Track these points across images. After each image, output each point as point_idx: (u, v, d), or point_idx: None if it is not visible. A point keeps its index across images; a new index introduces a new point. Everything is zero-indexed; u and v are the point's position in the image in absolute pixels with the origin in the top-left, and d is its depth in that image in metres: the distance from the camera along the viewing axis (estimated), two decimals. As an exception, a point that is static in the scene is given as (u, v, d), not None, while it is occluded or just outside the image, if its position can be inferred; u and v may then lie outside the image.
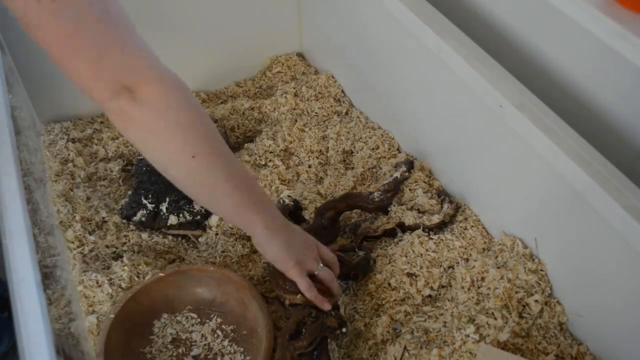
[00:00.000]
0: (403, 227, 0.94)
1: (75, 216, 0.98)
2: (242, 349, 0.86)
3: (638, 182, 0.68)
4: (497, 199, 0.90)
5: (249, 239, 1.00)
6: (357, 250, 0.91)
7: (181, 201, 1.01)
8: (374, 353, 0.84)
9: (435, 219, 0.94)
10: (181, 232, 1.01)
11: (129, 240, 0.98)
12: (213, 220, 1.01)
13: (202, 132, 0.65)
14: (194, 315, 0.90)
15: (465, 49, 0.83)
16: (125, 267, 0.91)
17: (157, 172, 1.02)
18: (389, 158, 1.10)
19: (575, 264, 0.79)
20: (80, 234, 0.96)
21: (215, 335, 0.88)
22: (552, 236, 0.82)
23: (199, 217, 1.01)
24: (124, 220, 1.02)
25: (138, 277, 0.91)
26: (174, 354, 0.87)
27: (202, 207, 1.01)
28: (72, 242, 0.95)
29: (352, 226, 0.98)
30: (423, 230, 0.92)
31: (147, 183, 1.02)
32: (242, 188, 0.70)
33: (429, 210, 0.97)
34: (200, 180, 0.67)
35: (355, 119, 1.19)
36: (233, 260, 0.96)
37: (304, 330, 0.78)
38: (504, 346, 0.78)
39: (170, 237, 1.00)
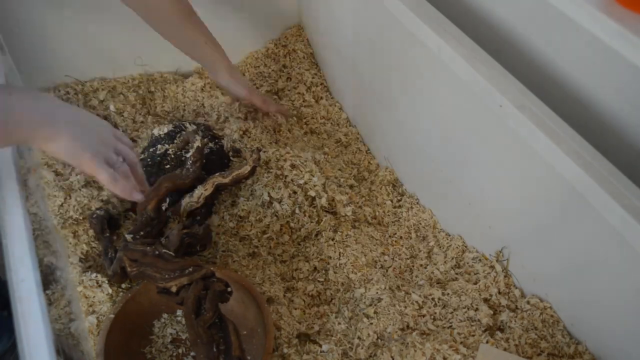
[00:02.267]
0: (222, 187, 1.01)
1: (75, 216, 0.98)
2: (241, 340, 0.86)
3: (638, 182, 0.68)
4: (497, 199, 0.90)
5: (250, 239, 1.00)
6: (196, 224, 0.95)
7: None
8: (372, 353, 0.84)
9: (247, 169, 1.01)
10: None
11: (129, 240, 0.98)
12: (214, 220, 1.01)
13: None
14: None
15: (465, 49, 0.83)
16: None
17: (157, 173, 1.03)
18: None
19: (575, 264, 0.79)
20: (80, 234, 0.96)
21: (215, 335, 0.88)
22: (551, 236, 0.82)
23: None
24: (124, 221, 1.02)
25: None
26: (174, 354, 0.87)
27: (203, 208, 1.00)
28: (72, 242, 0.95)
29: (173, 209, 0.98)
30: (240, 182, 1.01)
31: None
32: None
33: (236, 167, 1.04)
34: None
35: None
36: (234, 260, 0.96)
37: (202, 305, 0.80)
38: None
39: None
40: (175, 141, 1.08)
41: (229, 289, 0.84)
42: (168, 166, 1.04)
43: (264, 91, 1.35)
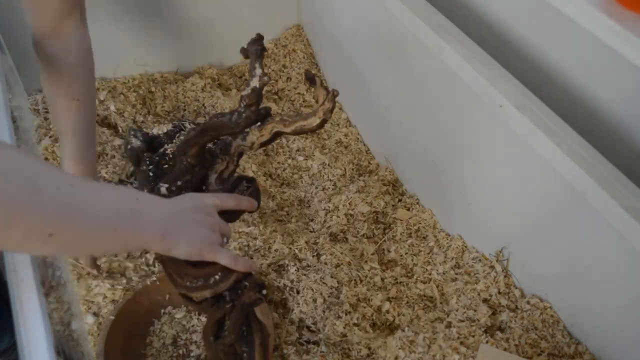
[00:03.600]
0: (278, 136, 0.80)
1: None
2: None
3: (638, 182, 0.68)
4: (497, 199, 0.90)
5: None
6: (244, 181, 0.80)
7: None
8: (373, 352, 0.84)
9: (314, 120, 0.78)
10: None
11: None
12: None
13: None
14: (195, 315, 0.90)
15: (465, 49, 0.83)
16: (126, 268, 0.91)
17: (155, 173, 1.02)
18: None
19: (575, 264, 0.79)
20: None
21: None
22: (551, 236, 0.82)
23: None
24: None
25: (139, 278, 0.91)
26: (174, 354, 0.87)
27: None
28: (72, 242, 0.95)
29: (221, 145, 0.83)
30: (305, 133, 0.83)
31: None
32: (123, 214, 0.59)
33: (300, 114, 0.82)
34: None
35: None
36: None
37: (226, 321, 0.70)
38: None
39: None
40: (175, 140, 1.08)
41: (264, 291, 0.72)
42: (166, 166, 1.03)
43: (264, 91, 1.35)
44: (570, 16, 0.73)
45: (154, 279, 0.89)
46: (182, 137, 0.97)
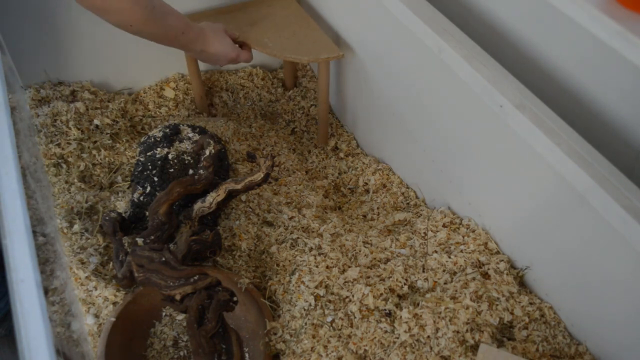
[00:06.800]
0: (234, 193, 1.02)
1: (74, 216, 0.98)
2: (244, 351, 0.86)
3: (638, 182, 0.68)
4: (497, 199, 0.90)
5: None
6: (206, 229, 0.94)
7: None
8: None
9: (259, 175, 1.05)
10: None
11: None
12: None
13: None
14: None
15: (465, 49, 0.83)
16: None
17: (161, 177, 1.02)
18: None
19: (576, 264, 0.79)
20: (80, 234, 0.96)
21: (216, 337, 0.88)
22: (551, 236, 0.82)
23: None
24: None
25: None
26: (175, 356, 0.87)
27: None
28: (72, 242, 0.95)
29: (185, 213, 0.99)
30: (253, 188, 1.04)
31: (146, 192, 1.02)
32: (182, 20, 1.02)
33: (248, 173, 1.08)
34: (160, 21, 0.97)
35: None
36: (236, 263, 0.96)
37: (205, 315, 0.82)
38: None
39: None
40: (175, 144, 1.08)
41: (235, 298, 0.84)
42: (172, 170, 1.04)
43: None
44: (570, 16, 0.73)
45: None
46: (177, 142, 1.02)
